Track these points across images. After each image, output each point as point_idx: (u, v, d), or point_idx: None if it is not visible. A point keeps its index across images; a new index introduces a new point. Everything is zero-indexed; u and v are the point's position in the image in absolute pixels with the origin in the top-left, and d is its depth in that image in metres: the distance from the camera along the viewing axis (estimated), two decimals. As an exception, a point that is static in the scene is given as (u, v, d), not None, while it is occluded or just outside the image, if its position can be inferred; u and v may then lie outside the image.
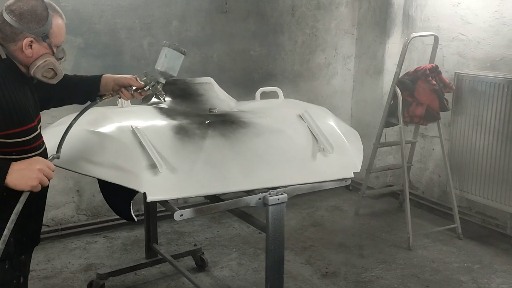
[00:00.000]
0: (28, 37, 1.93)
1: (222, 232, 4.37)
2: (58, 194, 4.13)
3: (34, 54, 1.96)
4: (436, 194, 4.78)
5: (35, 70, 1.96)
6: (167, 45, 2.36)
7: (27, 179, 1.81)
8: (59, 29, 2.03)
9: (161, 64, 2.35)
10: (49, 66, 1.99)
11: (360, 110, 5.26)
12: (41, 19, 1.94)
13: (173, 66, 2.36)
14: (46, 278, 3.59)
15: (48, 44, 1.98)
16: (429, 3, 4.60)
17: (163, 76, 2.39)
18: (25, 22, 1.91)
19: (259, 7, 4.63)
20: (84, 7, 3.93)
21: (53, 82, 2.05)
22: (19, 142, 1.95)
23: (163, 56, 2.35)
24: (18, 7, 1.92)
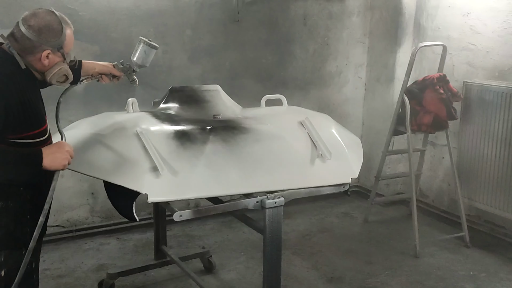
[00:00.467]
0: (46, 50, 2.16)
1: (231, 236, 4.45)
2: (74, 196, 4.28)
3: (50, 63, 2.20)
4: (445, 202, 4.80)
5: (51, 77, 2.23)
6: (145, 42, 2.71)
7: (59, 160, 2.14)
8: (70, 38, 2.28)
9: (139, 57, 2.73)
10: (63, 73, 2.27)
11: (371, 118, 5.31)
12: (57, 33, 2.18)
13: (148, 60, 2.76)
14: (60, 277, 3.72)
15: (62, 53, 2.22)
16: (439, 13, 4.64)
17: (138, 67, 2.77)
18: (44, 37, 2.15)
19: (271, 17, 4.74)
20: (101, 16, 4.08)
21: (65, 85, 2.33)
22: (36, 142, 2.21)
23: (141, 51, 2.71)
24: (36, 22, 2.14)
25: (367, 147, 5.35)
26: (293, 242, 4.35)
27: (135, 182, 2.27)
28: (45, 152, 2.11)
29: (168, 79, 4.35)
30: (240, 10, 4.54)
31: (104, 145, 2.44)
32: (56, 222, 4.26)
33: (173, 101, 3.07)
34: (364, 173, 5.45)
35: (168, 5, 4.29)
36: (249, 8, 4.60)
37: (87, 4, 4.01)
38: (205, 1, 4.42)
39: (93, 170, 2.34)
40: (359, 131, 5.45)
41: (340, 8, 5.05)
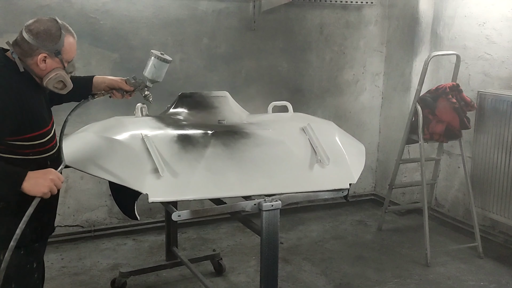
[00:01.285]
0: (43, 53, 2.24)
1: (244, 240, 4.53)
2: (92, 197, 4.44)
3: (47, 68, 2.27)
4: (461, 212, 4.77)
5: (47, 81, 2.28)
6: (155, 56, 2.66)
7: (40, 186, 2.11)
8: (71, 46, 2.32)
9: (150, 72, 2.67)
10: (59, 78, 2.29)
11: (388, 126, 5.32)
12: (55, 38, 2.25)
13: (160, 74, 2.71)
14: (76, 274, 3.87)
15: (60, 59, 2.29)
16: (456, 23, 4.65)
17: (150, 82, 2.71)
18: (41, 40, 2.23)
19: (287, 25, 4.82)
20: (121, 25, 4.25)
21: (63, 92, 2.36)
22: (35, 144, 2.27)
23: (152, 65, 2.66)
24: (35, 27, 2.24)
25: (384, 156, 5.38)
26: (305, 248, 4.40)
27: (137, 183, 2.38)
28: (29, 175, 2.10)
29: (185, 86, 4.47)
30: (256, 19, 4.64)
31: (110, 147, 2.56)
32: (76, 222, 4.43)
33: (182, 107, 3.19)
34: (381, 181, 5.47)
35: (186, 14, 4.43)
36: (265, 17, 4.70)
37: (107, 13, 4.18)
38: (222, 10, 4.54)
39: (99, 171, 2.46)
40: (375, 139, 5.47)
41: (357, 17, 5.10)
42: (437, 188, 4.98)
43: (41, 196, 2.14)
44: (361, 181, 5.50)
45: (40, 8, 3.97)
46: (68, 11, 4.07)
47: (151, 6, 4.30)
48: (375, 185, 5.58)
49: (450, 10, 4.71)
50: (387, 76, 5.30)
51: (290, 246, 4.43)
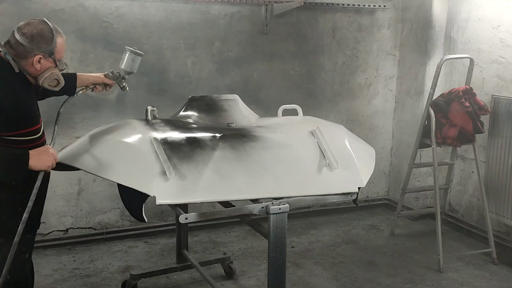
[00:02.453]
0: (38, 55, 2.41)
1: (256, 244, 4.53)
2: (105, 200, 4.47)
3: (42, 68, 2.45)
4: (475, 217, 4.71)
5: (43, 80, 2.46)
6: (131, 51, 2.92)
7: (44, 160, 2.33)
8: (61, 46, 2.51)
9: (128, 65, 2.94)
10: (54, 77, 2.49)
11: (401, 130, 5.28)
12: (48, 40, 2.43)
13: (135, 66, 2.97)
14: (88, 276, 3.90)
15: (53, 59, 2.46)
16: (470, 26, 4.60)
17: (127, 74, 2.98)
18: (36, 43, 2.40)
19: (299, 29, 4.82)
20: (134, 29, 4.29)
21: (56, 89, 2.55)
22: (29, 140, 2.44)
23: (129, 59, 2.92)
24: (29, 30, 2.40)
25: (397, 160, 5.34)
26: (317, 252, 4.38)
27: (144, 185, 2.39)
28: (32, 153, 2.30)
29: (197, 89, 4.50)
30: (268, 22, 4.65)
31: (119, 149, 2.58)
32: (88, 224, 4.46)
33: (192, 110, 3.20)
34: (394, 185, 5.43)
35: (198, 18, 4.45)
36: (277, 20, 4.71)
37: (121, 18, 4.22)
38: (234, 14, 4.55)
39: (108, 173, 2.48)
40: (389, 144, 5.43)
41: (370, 21, 5.08)
42: (451, 193, 4.93)
43: (46, 169, 2.35)
44: (374, 186, 5.46)
45: (54, 13, 4.02)
46: (82, 15, 4.12)
47: (164, 10, 4.33)
48: (388, 189, 5.54)
49: (464, 13, 4.66)
50: (400, 80, 5.27)
51: (302, 250, 4.41)
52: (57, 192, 4.30)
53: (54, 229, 4.36)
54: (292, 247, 4.45)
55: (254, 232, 4.74)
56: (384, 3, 5.08)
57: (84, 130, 4.09)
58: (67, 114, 4.17)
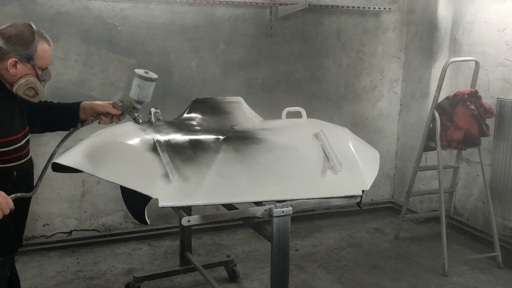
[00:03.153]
0: (13, 58, 2.19)
1: (259, 247, 4.51)
2: (109, 202, 4.47)
3: (18, 73, 2.22)
4: (480, 221, 4.68)
5: (17, 88, 2.23)
6: (139, 76, 2.50)
7: None
8: (44, 53, 2.27)
9: (135, 93, 2.54)
10: (30, 85, 2.24)
11: (406, 133, 5.26)
12: (27, 43, 2.22)
13: (147, 94, 2.55)
14: (91, 278, 3.89)
15: (32, 65, 2.24)
16: (475, 28, 4.58)
17: (137, 103, 2.59)
18: (12, 44, 2.19)
19: (304, 32, 4.81)
20: (138, 31, 4.29)
21: (34, 100, 2.30)
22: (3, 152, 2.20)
23: (136, 86, 2.52)
24: (8, 31, 2.22)
25: (402, 163, 5.32)
26: (321, 256, 4.36)
27: (147, 187, 2.38)
28: None
29: (201, 92, 4.49)
30: (273, 25, 4.64)
31: (122, 152, 2.57)
32: (92, 226, 4.46)
33: (196, 112, 3.19)
34: (399, 189, 5.40)
35: (202, 21, 4.45)
36: (282, 23, 4.70)
37: (125, 19, 4.22)
38: (239, 17, 4.55)
39: (110, 175, 2.47)
40: (393, 146, 5.41)
41: (375, 23, 5.07)
42: (456, 196, 4.90)
43: None
44: (378, 189, 5.44)
45: (59, 15, 4.03)
46: (87, 17, 4.13)
47: (168, 12, 4.33)
48: (393, 192, 5.51)
49: (470, 15, 4.64)
50: (405, 83, 5.25)
51: (306, 253, 4.39)
52: (61, 194, 4.30)
53: (58, 231, 4.36)
54: (296, 250, 4.43)
55: (258, 235, 4.70)
56: (389, 5, 5.06)
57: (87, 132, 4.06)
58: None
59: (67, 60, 4.12)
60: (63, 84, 4.14)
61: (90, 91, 4.20)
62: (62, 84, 4.14)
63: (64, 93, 4.12)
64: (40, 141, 4.04)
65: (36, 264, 4.10)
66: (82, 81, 4.20)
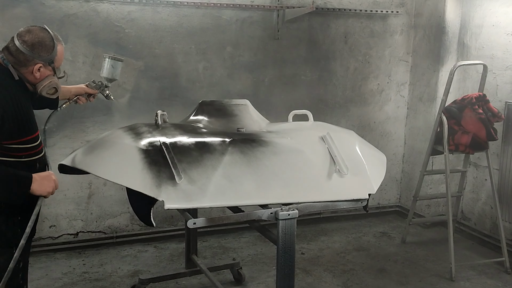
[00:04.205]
0: (38, 63, 2.38)
1: (265, 250, 4.50)
2: (115, 204, 4.47)
3: (41, 76, 2.42)
4: (488, 226, 4.65)
5: (42, 88, 2.43)
6: (110, 57, 2.92)
7: (46, 187, 2.33)
8: (61, 54, 2.48)
9: (108, 72, 2.93)
10: (53, 85, 2.47)
11: (414, 137, 5.24)
12: (49, 49, 2.40)
13: (117, 72, 2.96)
14: (97, 280, 3.90)
15: (53, 67, 2.44)
16: (483, 32, 4.56)
17: (109, 81, 2.97)
18: (37, 52, 2.37)
19: (311, 35, 4.80)
20: (146, 34, 4.30)
21: (53, 97, 2.54)
22: (28, 148, 2.40)
23: (109, 66, 2.91)
24: (30, 38, 2.35)
25: (409, 167, 5.30)
26: (327, 259, 4.34)
27: (153, 189, 2.38)
28: (35, 178, 2.28)
29: (208, 94, 4.49)
30: (280, 28, 4.64)
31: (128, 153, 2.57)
32: (98, 228, 4.47)
33: (202, 114, 3.19)
34: (405, 193, 5.38)
35: (209, 23, 4.45)
36: (289, 26, 4.70)
37: (133, 22, 4.23)
38: (246, 19, 4.55)
39: (116, 177, 2.47)
40: (400, 150, 5.39)
41: (382, 27, 5.05)
42: (463, 201, 4.87)
43: (46, 195, 2.33)
44: (385, 192, 5.42)
45: (67, 17, 4.05)
46: (95, 19, 4.14)
47: (175, 15, 4.34)
48: (399, 196, 5.49)
49: (478, 19, 4.62)
50: (412, 86, 5.23)
51: (312, 257, 4.38)
52: (68, 196, 4.31)
53: (64, 233, 4.37)
54: (302, 254, 4.42)
55: (263, 238, 4.73)
56: (397, 9, 5.05)
57: (95, 134, 4.11)
58: (78, 118, 4.19)
59: (75, 62, 4.14)
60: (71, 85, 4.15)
61: (98, 92, 4.21)
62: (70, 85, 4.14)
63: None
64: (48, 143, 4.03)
65: (42, 265, 4.11)
66: (90, 83, 4.21)
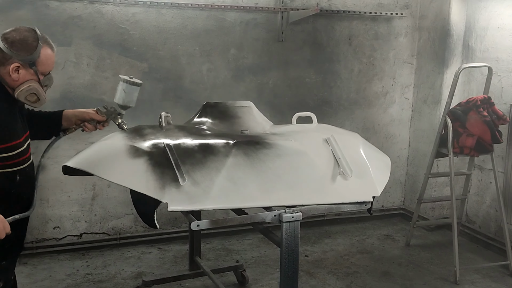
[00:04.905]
0: (16, 63, 2.18)
1: (269, 252, 4.49)
2: (119, 205, 4.48)
3: (20, 78, 2.21)
4: (492, 229, 4.63)
5: (19, 93, 2.22)
6: (124, 80, 2.53)
7: None
8: (47, 58, 2.26)
9: (120, 98, 2.56)
10: (32, 90, 2.23)
11: (418, 139, 5.22)
12: (30, 49, 2.20)
13: (132, 99, 2.58)
14: (100, 282, 3.90)
15: (35, 71, 2.23)
16: (488, 34, 4.55)
17: (122, 108, 2.62)
18: (15, 50, 2.18)
19: (315, 37, 4.80)
20: (150, 35, 4.30)
21: (36, 106, 2.30)
22: (3, 157, 2.19)
23: (121, 90, 2.54)
24: (12, 35, 2.20)
25: (413, 169, 5.28)
26: (331, 262, 4.33)
27: (157, 191, 2.38)
28: None
29: (212, 96, 4.49)
30: (284, 30, 4.64)
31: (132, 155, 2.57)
32: (102, 230, 4.47)
33: (206, 116, 3.19)
34: (410, 195, 5.36)
35: (214, 25, 4.45)
36: (293, 28, 4.69)
37: (137, 24, 4.24)
38: (250, 21, 4.55)
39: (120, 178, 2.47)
40: (405, 153, 5.37)
41: (387, 29, 5.05)
42: (468, 204, 4.85)
43: None
44: (389, 195, 5.40)
45: (72, 19, 4.06)
46: (99, 21, 4.15)
47: (180, 17, 4.34)
48: (404, 199, 5.47)
49: (483, 21, 4.61)
50: (417, 88, 5.21)
51: (315, 259, 4.37)
52: (72, 197, 4.32)
53: (68, 234, 4.38)
54: (305, 256, 4.41)
55: (267, 240, 4.73)
56: (401, 11, 5.04)
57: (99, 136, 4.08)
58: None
59: (79, 64, 4.15)
60: (75, 88, 4.17)
61: (102, 94, 4.21)
62: (74, 87, 4.16)
63: (76, 97, 4.15)
64: (51, 144, 4.05)
65: (46, 266, 4.11)
66: (94, 85, 4.22)
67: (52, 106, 4.04)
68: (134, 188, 2.44)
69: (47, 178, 4.21)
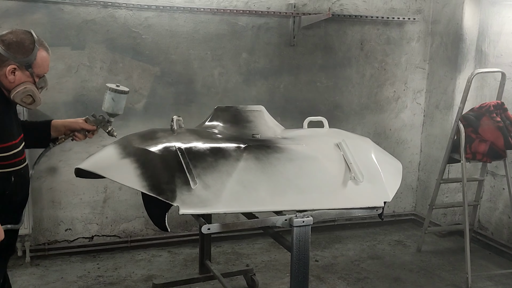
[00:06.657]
0: (12, 65, 2.22)
1: (279, 257, 4.49)
2: (130, 208, 4.50)
3: (16, 80, 2.24)
4: (505, 235, 4.58)
5: (15, 95, 2.26)
6: (112, 89, 2.57)
7: None
8: (43, 61, 2.30)
9: (110, 107, 2.59)
10: (28, 92, 2.27)
11: (430, 145, 5.19)
12: (27, 51, 2.24)
13: (120, 106, 2.62)
14: (111, 284, 3.92)
15: (31, 73, 2.27)
16: (502, 39, 4.52)
17: (111, 116, 2.64)
18: (12, 52, 2.21)
19: (327, 41, 4.79)
20: (162, 40, 4.33)
21: (31, 108, 2.34)
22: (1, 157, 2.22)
23: (110, 99, 2.57)
24: (8, 38, 2.24)
25: (425, 175, 5.25)
26: (341, 267, 4.32)
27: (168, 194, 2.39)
28: None
29: (223, 100, 4.50)
30: (296, 34, 4.64)
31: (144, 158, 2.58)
32: (113, 232, 4.49)
33: (217, 120, 3.20)
34: (421, 201, 5.33)
35: (226, 30, 4.47)
36: (305, 32, 4.69)
37: (149, 28, 4.27)
38: (262, 26, 4.56)
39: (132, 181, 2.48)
40: (416, 158, 5.34)
41: (399, 34, 5.03)
42: (480, 210, 4.81)
43: None
44: (401, 200, 5.37)
45: (85, 23, 4.09)
46: (112, 25, 4.18)
47: (192, 21, 4.36)
48: (415, 204, 5.44)
49: (496, 26, 4.58)
50: (429, 94, 5.19)
51: (326, 264, 4.35)
52: (84, 200, 4.34)
53: (79, 236, 4.40)
54: (316, 261, 4.39)
55: (277, 244, 4.71)
56: (414, 15, 5.03)
57: (111, 139, 4.11)
58: None
59: (93, 68, 4.18)
60: (88, 91, 4.20)
61: (114, 98, 4.24)
62: (87, 91, 4.20)
63: (89, 100, 4.19)
64: (64, 147, 4.10)
65: (58, 268, 4.14)
66: (106, 88, 4.24)
67: (65, 109, 4.12)
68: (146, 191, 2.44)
69: (59, 180, 4.24)
